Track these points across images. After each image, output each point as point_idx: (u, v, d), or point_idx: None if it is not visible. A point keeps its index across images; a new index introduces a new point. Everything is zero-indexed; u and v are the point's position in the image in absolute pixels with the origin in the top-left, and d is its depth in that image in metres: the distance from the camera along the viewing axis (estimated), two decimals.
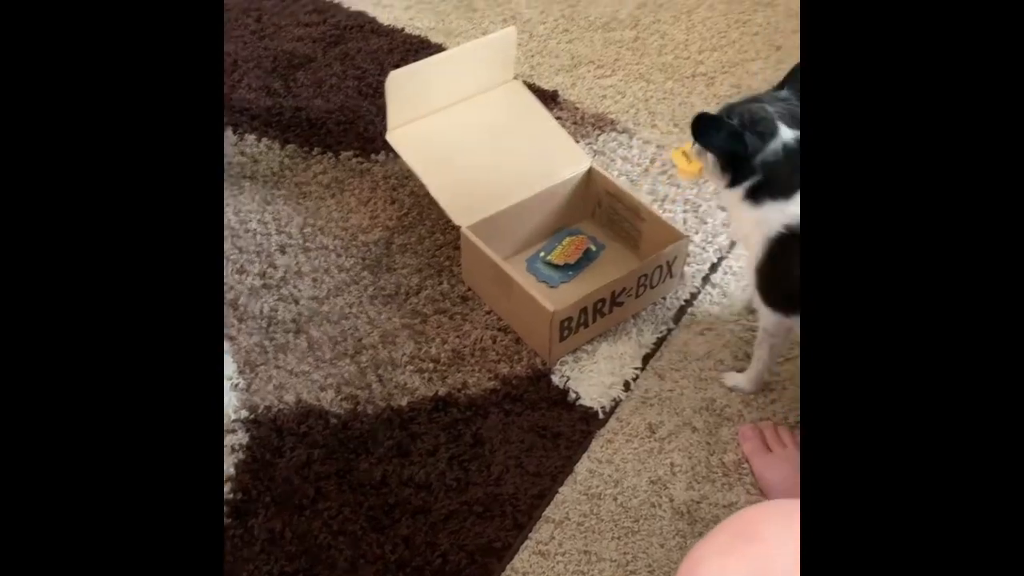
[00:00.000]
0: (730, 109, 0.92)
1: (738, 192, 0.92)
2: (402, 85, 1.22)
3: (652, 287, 1.20)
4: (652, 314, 1.22)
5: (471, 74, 1.31)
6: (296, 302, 1.22)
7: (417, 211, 1.35)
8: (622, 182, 1.39)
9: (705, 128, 0.90)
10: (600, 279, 1.19)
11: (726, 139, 0.89)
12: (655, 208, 1.35)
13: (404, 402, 1.10)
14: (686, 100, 1.57)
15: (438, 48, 1.67)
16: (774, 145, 0.88)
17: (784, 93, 0.92)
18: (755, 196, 0.91)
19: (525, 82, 1.50)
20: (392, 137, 1.26)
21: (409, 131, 1.27)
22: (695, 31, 1.72)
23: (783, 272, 0.92)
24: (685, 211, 1.37)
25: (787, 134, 0.89)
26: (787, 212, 0.89)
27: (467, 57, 1.30)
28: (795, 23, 1.72)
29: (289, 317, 1.20)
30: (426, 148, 1.26)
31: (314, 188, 1.39)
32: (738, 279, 1.27)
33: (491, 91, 1.34)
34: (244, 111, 1.51)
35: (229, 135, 1.47)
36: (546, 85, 1.59)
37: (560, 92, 1.57)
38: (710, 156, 0.93)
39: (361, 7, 1.77)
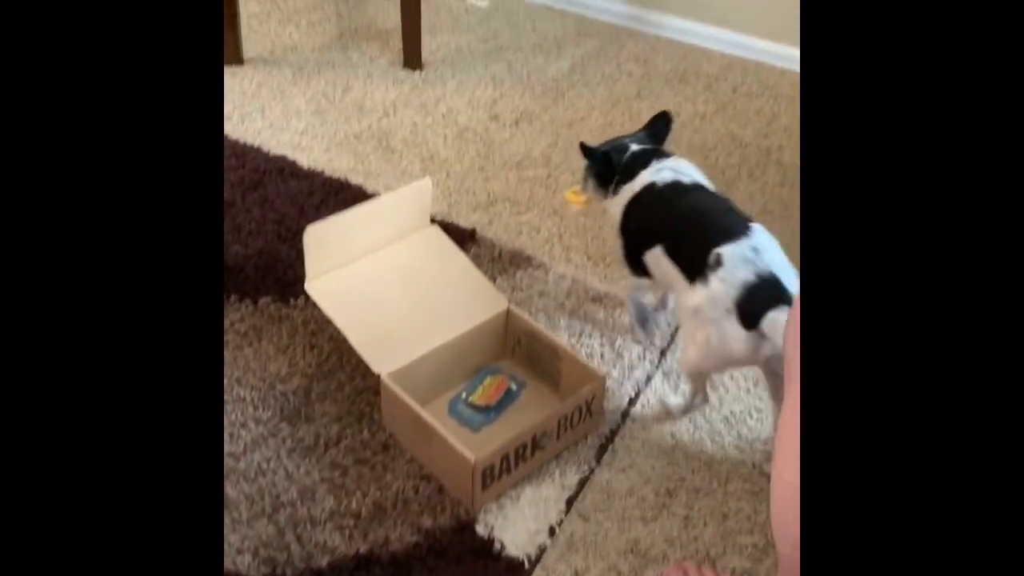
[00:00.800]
0: (606, 143, 1.39)
1: (610, 191, 1.36)
2: (320, 237, 1.24)
3: (572, 427, 1.21)
4: (574, 454, 1.23)
5: (388, 224, 1.34)
6: None
7: (337, 356, 1.35)
8: (540, 318, 1.43)
9: (590, 154, 1.36)
10: (521, 421, 1.20)
11: (602, 159, 1.36)
12: (573, 344, 1.39)
13: (324, 563, 1.07)
14: (598, 234, 1.64)
15: (358, 189, 1.71)
16: (627, 156, 1.35)
17: (641, 134, 1.40)
18: (616, 188, 1.34)
19: (443, 221, 1.54)
20: (311, 288, 1.27)
21: (328, 281, 1.28)
22: None
23: (629, 224, 1.32)
24: (602, 344, 1.41)
25: (635, 148, 1.36)
26: (631, 188, 1.31)
27: (383, 208, 1.34)
28: (696, 158, 1.83)
29: None
30: (345, 297, 1.27)
31: (231, 337, 1.38)
32: (655, 413, 1.30)
33: (408, 238, 1.37)
34: None
35: None
36: (464, 223, 1.64)
37: (478, 230, 1.62)
38: (590, 182, 1.38)
39: (281, 151, 1.80)
